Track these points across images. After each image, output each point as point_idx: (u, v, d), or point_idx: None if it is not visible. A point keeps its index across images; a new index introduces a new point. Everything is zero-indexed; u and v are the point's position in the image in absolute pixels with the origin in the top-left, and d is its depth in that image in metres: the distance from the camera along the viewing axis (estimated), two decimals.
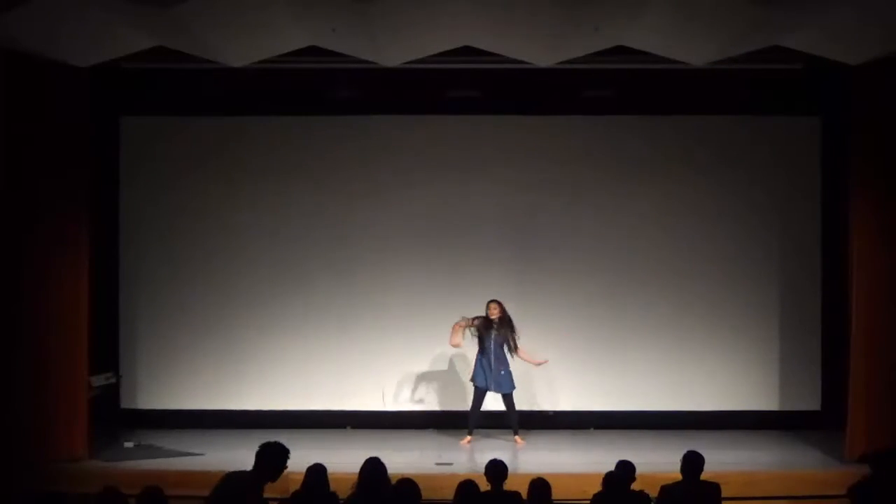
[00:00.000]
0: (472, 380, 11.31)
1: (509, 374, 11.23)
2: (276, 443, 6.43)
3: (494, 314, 11.20)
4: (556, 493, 7.15)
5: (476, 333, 11.24)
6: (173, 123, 12.28)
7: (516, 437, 11.29)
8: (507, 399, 11.31)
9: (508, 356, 11.24)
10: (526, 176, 12.11)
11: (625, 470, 7.38)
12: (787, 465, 10.23)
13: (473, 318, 11.21)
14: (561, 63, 10.15)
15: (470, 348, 11.98)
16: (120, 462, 10.17)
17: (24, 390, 9.89)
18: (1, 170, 9.87)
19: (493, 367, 11.16)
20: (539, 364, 11.41)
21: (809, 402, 11.99)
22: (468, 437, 11.26)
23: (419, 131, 12.24)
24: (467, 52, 10.12)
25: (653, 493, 7.40)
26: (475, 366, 11.28)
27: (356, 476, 7.08)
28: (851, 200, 10.33)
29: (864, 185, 10.20)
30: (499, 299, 11.29)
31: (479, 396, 11.30)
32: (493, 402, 11.53)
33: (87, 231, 10.35)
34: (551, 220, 12.14)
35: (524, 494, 7.06)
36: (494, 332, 11.18)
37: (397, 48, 9.80)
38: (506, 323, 11.22)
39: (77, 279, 10.24)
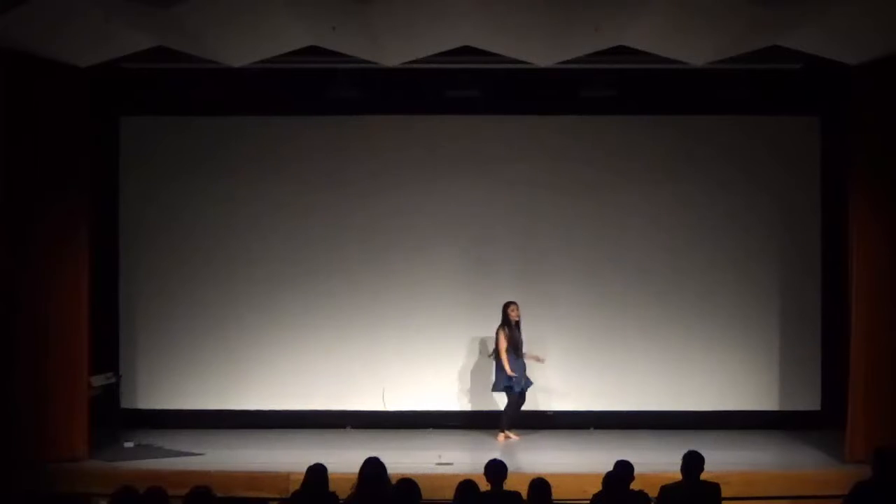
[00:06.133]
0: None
1: (498, 375, 11.41)
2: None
3: (515, 315, 11.39)
4: (556, 493, 7.15)
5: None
6: (173, 123, 12.28)
7: (502, 433, 11.42)
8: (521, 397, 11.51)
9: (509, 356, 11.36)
10: (525, 176, 12.11)
11: (624, 470, 7.38)
12: (787, 465, 10.22)
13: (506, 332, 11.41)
14: (561, 63, 10.15)
15: (470, 347, 12.02)
16: (120, 462, 10.16)
17: (24, 390, 9.88)
18: (1, 170, 9.86)
19: (521, 367, 11.40)
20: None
21: (809, 402, 11.98)
22: (512, 436, 11.42)
23: (419, 131, 12.24)
24: (467, 51, 10.12)
25: (653, 493, 7.39)
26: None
27: (356, 476, 7.09)
28: (851, 200, 10.32)
29: (864, 184, 10.19)
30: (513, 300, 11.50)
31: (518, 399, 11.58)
32: (493, 402, 11.59)
33: (86, 231, 10.35)
34: (551, 219, 12.14)
35: (524, 494, 7.06)
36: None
37: (397, 48, 9.80)
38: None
39: (77, 279, 10.24)
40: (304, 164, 12.21)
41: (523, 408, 11.59)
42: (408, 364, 12.05)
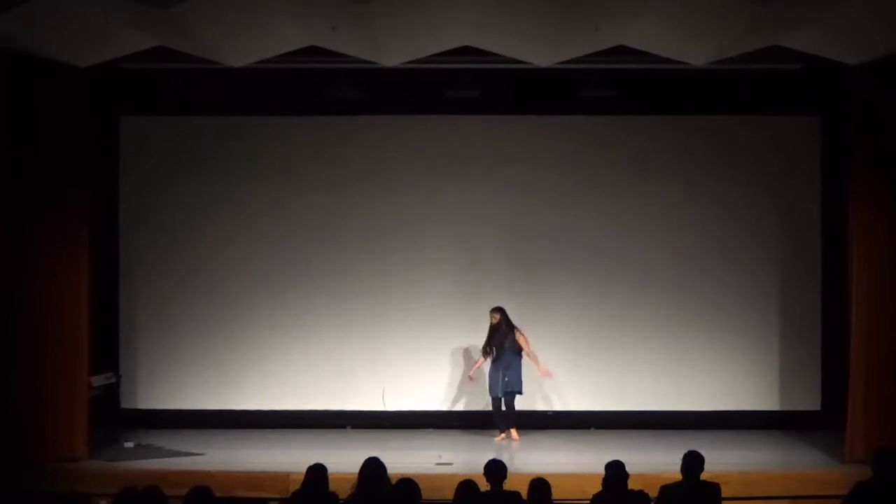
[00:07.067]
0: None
1: (512, 376, 11.35)
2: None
3: (494, 321, 11.37)
4: (556, 493, 7.15)
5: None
6: (173, 123, 12.28)
7: (501, 434, 11.41)
8: (498, 401, 11.45)
9: (515, 359, 11.36)
10: (525, 175, 12.11)
11: (617, 470, 7.36)
12: (787, 465, 10.23)
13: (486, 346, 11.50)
14: (561, 63, 10.15)
15: (470, 347, 12.03)
16: (120, 462, 10.16)
17: (24, 390, 9.88)
18: (1, 170, 9.86)
19: (499, 371, 11.35)
20: (543, 373, 11.50)
21: (809, 402, 11.98)
22: (514, 437, 11.41)
23: (419, 131, 12.24)
24: (467, 52, 10.12)
25: (653, 493, 7.39)
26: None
27: (356, 476, 7.08)
28: (851, 200, 10.32)
29: (864, 184, 10.19)
30: (500, 305, 11.44)
31: (493, 402, 11.56)
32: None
33: (86, 231, 10.35)
34: (551, 219, 12.14)
35: (524, 494, 7.06)
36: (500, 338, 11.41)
37: (397, 48, 9.81)
38: (503, 328, 11.37)
39: (77, 279, 10.24)
40: (304, 164, 12.21)
41: (525, 408, 11.59)
42: (408, 364, 12.05)
